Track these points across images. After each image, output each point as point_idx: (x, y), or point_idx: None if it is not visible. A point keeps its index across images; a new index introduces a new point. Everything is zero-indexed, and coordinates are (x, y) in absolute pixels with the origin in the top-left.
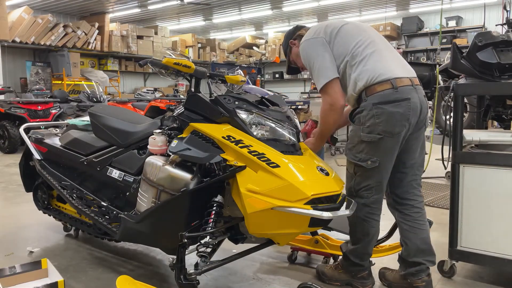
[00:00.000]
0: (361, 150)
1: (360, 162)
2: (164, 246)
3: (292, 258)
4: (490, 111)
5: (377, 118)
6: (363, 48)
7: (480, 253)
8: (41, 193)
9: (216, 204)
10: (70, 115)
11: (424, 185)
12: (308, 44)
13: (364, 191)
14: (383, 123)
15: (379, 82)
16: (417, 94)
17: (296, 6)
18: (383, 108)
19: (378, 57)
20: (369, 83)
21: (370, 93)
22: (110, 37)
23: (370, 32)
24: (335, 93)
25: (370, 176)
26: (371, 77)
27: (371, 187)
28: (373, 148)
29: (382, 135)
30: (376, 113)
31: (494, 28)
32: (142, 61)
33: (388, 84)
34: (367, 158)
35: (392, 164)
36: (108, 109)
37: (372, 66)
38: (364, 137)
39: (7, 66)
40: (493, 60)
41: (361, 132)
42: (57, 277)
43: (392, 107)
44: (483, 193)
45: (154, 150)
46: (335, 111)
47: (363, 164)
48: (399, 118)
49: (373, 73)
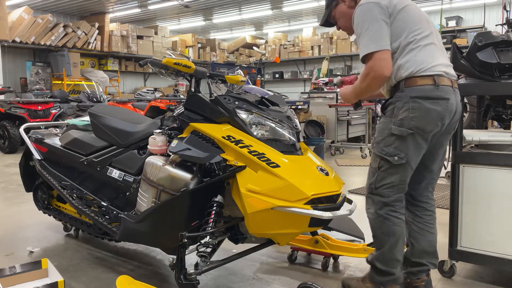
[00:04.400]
0: (390, 144)
1: (387, 156)
2: (164, 246)
3: (292, 258)
4: (490, 111)
5: (412, 112)
6: (421, 38)
7: (480, 253)
8: (41, 193)
9: (216, 204)
10: (70, 115)
11: None
12: (369, 8)
13: (385, 189)
14: (417, 118)
15: (422, 76)
16: (455, 97)
17: (296, 6)
18: (421, 103)
19: (431, 51)
20: (412, 74)
21: (409, 85)
22: (110, 37)
23: (431, 24)
24: (384, 62)
25: (394, 173)
26: (417, 69)
27: (394, 185)
28: (402, 143)
29: (413, 131)
30: (412, 107)
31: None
32: (142, 61)
33: (430, 80)
34: (395, 153)
35: (417, 164)
36: (108, 109)
37: (421, 58)
38: (394, 130)
39: (7, 66)
40: (493, 60)
41: (392, 125)
42: (57, 277)
43: (430, 104)
44: (483, 193)
45: (154, 150)
46: (376, 80)
47: (390, 159)
48: (434, 116)
49: (420, 65)
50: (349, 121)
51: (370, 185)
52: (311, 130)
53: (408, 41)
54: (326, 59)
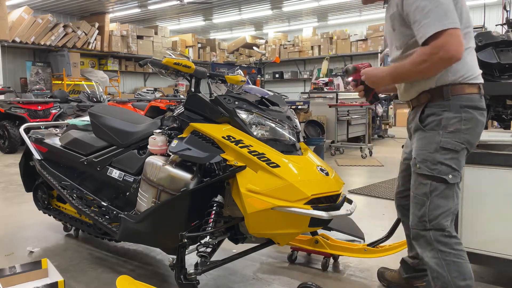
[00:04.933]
0: (441, 160)
1: (440, 175)
2: (164, 246)
3: (292, 258)
4: (490, 111)
5: (464, 124)
6: (470, 37)
7: (480, 253)
8: (41, 193)
9: (216, 204)
10: (70, 115)
11: None
12: None
13: (443, 219)
14: (470, 131)
15: (471, 84)
16: None
17: (296, 6)
18: (472, 113)
19: (474, 55)
20: (462, 79)
21: (455, 92)
22: (110, 37)
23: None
24: (459, 41)
25: (451, 196)
26: (467, 74)
27: (450, 212)
28: (456, 158)
29: (465, 145)
30: (465, 118)
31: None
32: (142, 61)
33: (476, 88)
34: (448, 171)
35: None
36: (108, 109)
37: (471, 61)
38: (445, 143)
39: (7, 66)
40: (493, 60)
41: (441, 138)
42: (57, 277)
43: (479, 115)
44: (483, 193)
45: (154, 150)
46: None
47: (446, 177)
48: (481, 129)
49: (471, 71)
50: (349, 121)
51: (421, 219)
52: (311, 130)
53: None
54: (326, 59)
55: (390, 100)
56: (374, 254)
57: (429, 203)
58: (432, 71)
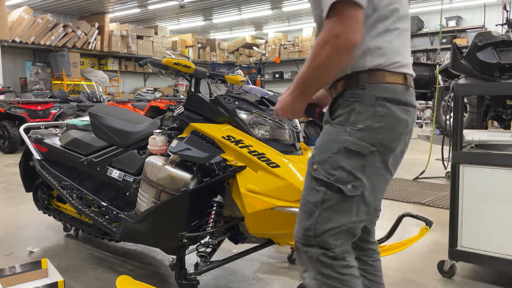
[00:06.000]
0: (342, 165)
1: (337, 183)
2: (164, 246)
3: (292, 258)
4: (490, 111)
5: (378, 121)
6: (401, 16)
7: (480, 253)
8: (41, 193)
9: (216, 204)
10: (70, 115)
11: (424, 185)
12: None
13: (330, 236)
14: (385, 130)
15: (394, 71)
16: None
17: (296, 6)
18: (390, 108)
19: (405, 40)
20: (383, 66)
21: (374, 80)
22: (110, 37)
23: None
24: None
25: (347, 211)
26: (390, 61)
27: (342, 230)
28: (363, 164)
29: (376, 148)
30: (379, 113)
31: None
32: (142, 61)
33: (401, 78)
34: (348, 180)
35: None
36: (108, 109)
37: (397, 46)
38: (350, 144)
39: (7, 66)
40: (493, 60)
41: (347, 136)
42: (57, 277)
43: (401, 112)
44: (483, 193)
45: (154, 150)
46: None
47: (343, 187)
48: (403, 129)
49: (395, 57)
50: None
51: (307, 232)
52: (311, 130)
53: (385, 14)
54: None
55: None
56: None
57: (317, 215)
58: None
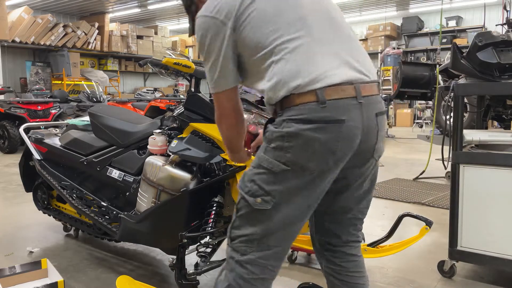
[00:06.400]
0: (254, 178)
1: (247, 195)
2: (164, 246)
3: (292, 258)
4: (490, 111)
5: (287, 141)
6: (287, 39)
7: (480, 253)
8: (41, 193)
9: (216, 204)
10: (70, 115)
11: (424, 185)
12: (203, 26)
13: (240, 243)
14: (294, 150)
15: (301, 93)
16: (362, 113)
17: None
18: (298, 128)
19: (307, 50)
20: (289, 92)
21: (285, 106)
22: (110, 37)
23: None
24: (224, 109)
25: (256, 222)
26: (290, 86)
27: (253, 239)
28: (273, 181)
29: (289, 166)
30: (287, 133)
31: (494, 28)
32: (142, 61)
33: (312, 96)
34: (259, 193)
35: (303, 213)
36: (108, 109)
37: (294, 66)
38: (263, 160)
39: (7, 66)
40: (493, 60)
41: (262, 153)
42: (57, 277)
43: (311, 131)
44: (483, 193)
45: (154, 150)
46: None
47: (250, 200)
48: (318, 148)
49: (293, 78)
50: None
51: (228, 231)
52: None
53: (271, 50)
54: None
55: (390, 100)
56: (374, 254)
57: (233, 220)
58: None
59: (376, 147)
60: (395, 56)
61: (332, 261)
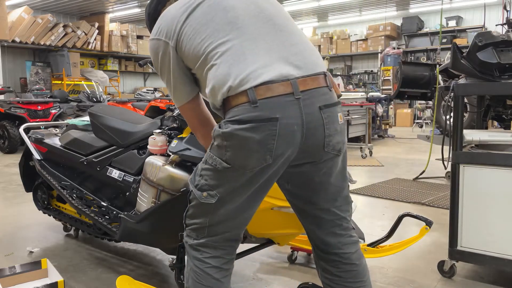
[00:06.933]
0: (202, 174)
1: (195, 189)
2: (164, 246)
3: (292, 258)
4: (490, 111)
5: (225, 140)
6: (217, 44)
7: (480, 253)
8: (41, 193)
9: None
10: (70, 115)
11: (424, 185)
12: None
13: (192, 230)
14: (232, 149)
15: (234, 95)
16: (300, 108)
17: (296, 6)
18: (233, 128)
19: (237, 51)
20: (222, 96)
21: (228, 108)
22: (110, 37)
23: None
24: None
25: (203, 213)
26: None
27: (203, 226)
28: (217, 177)
29: (230, 164)
30: (223, 133)
31: (494, 28)
32: (142, 61)
33: (244, 97)
34: (205, 188)
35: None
36: (108, 109)
37: (225, 69)
38: (208, 157)
39: (7, 66)
40: (493, 60)
41: (209, 150)
42: (57, 277)
43: (245, 131)
44: (483, 193)
45: (154, 150)
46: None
47: (197, 194)
48: (254, 147)
49: (224, 82)
50: (349, 121)
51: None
52: None
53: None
54: (326, 59)
55: (390, 100)
56: (374, 254)
57: (187, 209)
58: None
59: (326, 141)
60: (395, 56)
61: (330, 271)
